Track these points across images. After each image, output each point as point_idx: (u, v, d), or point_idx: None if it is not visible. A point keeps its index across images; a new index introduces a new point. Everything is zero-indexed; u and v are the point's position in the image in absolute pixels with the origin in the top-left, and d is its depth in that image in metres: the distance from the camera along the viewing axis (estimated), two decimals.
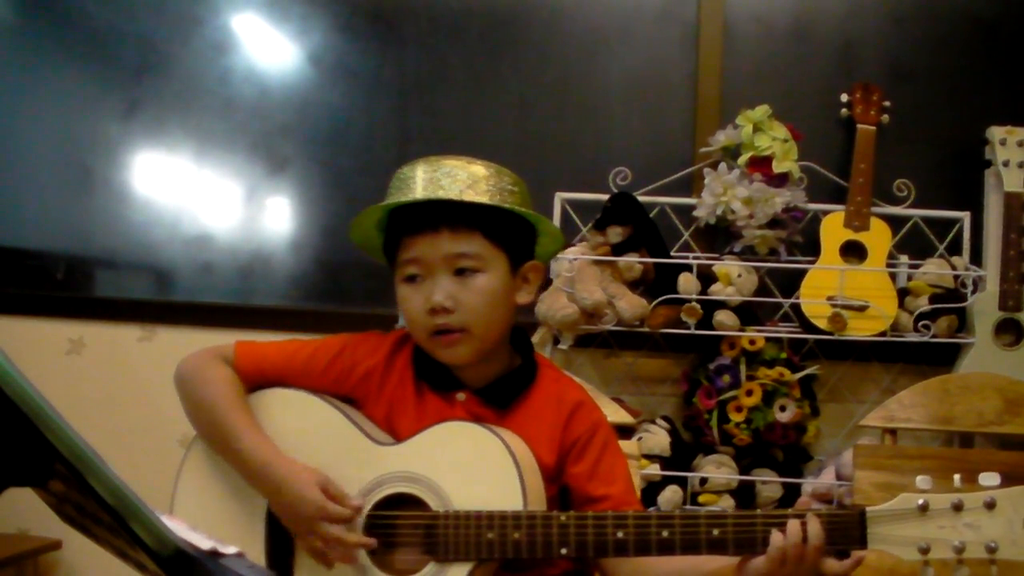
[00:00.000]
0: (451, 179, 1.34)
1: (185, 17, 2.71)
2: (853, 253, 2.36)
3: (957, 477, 1.18)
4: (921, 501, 1.18)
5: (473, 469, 1.30)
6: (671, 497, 2.25)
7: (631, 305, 2.27)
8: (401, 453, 1.34)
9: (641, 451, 2.23)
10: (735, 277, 2.31)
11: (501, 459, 1.29)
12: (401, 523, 1.31)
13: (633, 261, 2.29)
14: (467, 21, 2.65)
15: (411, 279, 1.37)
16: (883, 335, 2.29)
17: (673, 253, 2.41)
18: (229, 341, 1.45)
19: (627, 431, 2.17)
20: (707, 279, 2.31)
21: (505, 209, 1.35)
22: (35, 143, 2.76)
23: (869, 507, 1.20)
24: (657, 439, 2.31)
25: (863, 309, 2.27)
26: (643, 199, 2.40)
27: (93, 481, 0.69)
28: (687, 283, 2.28)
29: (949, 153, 2.53)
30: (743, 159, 2.39)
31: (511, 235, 1.38)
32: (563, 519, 1.26)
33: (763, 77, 2.56)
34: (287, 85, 2.71)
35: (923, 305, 2.29)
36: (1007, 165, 2.34)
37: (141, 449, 2.36)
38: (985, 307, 2.30)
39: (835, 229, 2.37)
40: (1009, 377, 1.97)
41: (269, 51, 2.75)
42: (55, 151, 2.75)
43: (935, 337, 2.28)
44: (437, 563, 1.28)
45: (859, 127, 2.42)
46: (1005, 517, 1.15)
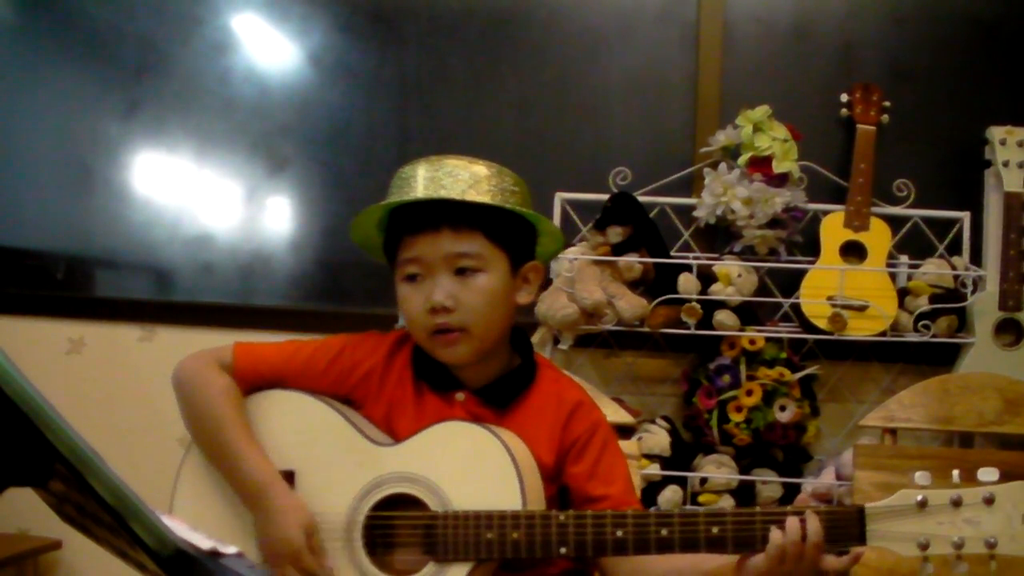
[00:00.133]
0: (453, 179, 1.34)
1: (185, 17, 2.71)
2: (853, 253, 2.36)
3: (956, 473, 1.17)
4: (920, 497, 1.17)
5: (472, 469, 1.30)
6: (671, 497, 2.25)
7: (631, 305, 2.27)
8: (400, 454, 1.34)
9: (641, 451, 2.23)
10: (735, 277, 2.31)
11: (500, 459, 1.29)
12: (400, 523, 1.31)
13: (633, 261, 2.29)
14: (467, 21, 2.65)
15: (411, 278, 1.37)
16: (883, 335, 2.29)
17: (673, 253, 2.41)
18: (229, 341, 1.45)
19: (627, 431, 2.17)
20: (707, 279, 2.32)
21: (506, 209, 1.35)
22: (35, 143, 2.76)
23: (868, 504, 1.20)
24: (657, 439, 2.31)
25: (863, 309, 2.27)
26: (643, 199, 2.40)
27: (93, 481, 0.69)
28: (687, 283, 2.28)
29: (949, 153, 2.53)
30: (743, 159, 2.39)
31: (512, 235, 1.38)
32: (562, 519, 1.26)
33: (763, 77, 2.56)
34: (287, 85, 2.71)
35: (923, 305, 2.29)
36: (1007, 165, 2.34)
37: (141, 449, 2.35)
38: (985, 307, 2.30)
39: (835, 229, 2.37)
40: (1009, 377, 1.97)
41: (269, 51, 2.75)
42: (55, 151, 2.75)
43: (935, 337, 2.28)
44: (436, 563, 1.28)
45: (859, 127, 2.42)
46: (1004, 513, 1.15)
